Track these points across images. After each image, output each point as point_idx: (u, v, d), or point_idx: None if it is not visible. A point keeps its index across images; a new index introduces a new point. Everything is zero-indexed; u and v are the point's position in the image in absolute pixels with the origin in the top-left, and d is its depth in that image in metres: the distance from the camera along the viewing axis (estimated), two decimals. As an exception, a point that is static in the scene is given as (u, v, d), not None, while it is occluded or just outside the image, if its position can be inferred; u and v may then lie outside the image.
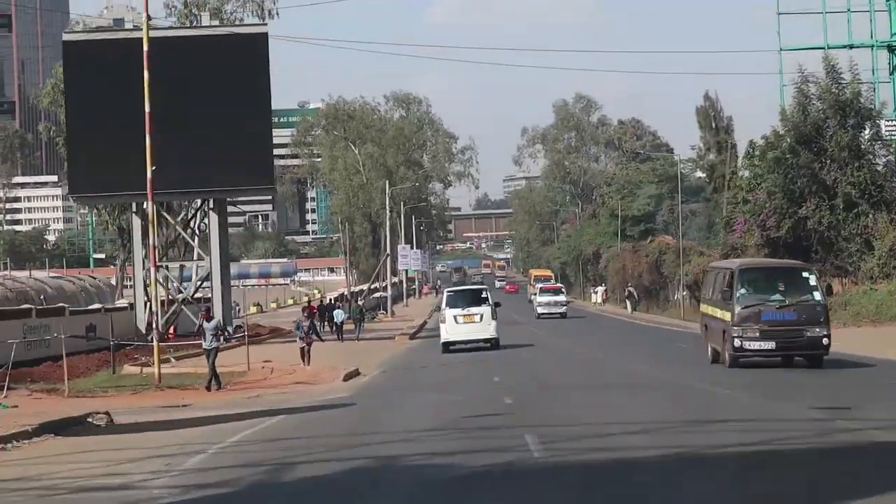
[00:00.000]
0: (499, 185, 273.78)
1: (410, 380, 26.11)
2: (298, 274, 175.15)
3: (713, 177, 79.73)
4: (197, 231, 48.54)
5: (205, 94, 43.58)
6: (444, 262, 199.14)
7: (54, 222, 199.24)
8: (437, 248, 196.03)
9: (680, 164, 72.19)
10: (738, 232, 52.31)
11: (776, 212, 45.82)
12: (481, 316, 35.85)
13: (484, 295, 37.26)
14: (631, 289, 74.51)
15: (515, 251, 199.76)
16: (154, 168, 26.49)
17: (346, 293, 79.38)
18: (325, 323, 55.76)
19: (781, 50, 50.30)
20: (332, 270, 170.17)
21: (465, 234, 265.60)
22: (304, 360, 29.82)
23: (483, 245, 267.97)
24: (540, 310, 64.74)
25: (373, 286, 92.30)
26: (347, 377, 26.17)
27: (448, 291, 40.59)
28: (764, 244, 47.45)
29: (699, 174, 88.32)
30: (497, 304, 37.38)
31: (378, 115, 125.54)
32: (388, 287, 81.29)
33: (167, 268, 49.39)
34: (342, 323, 49.68)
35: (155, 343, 24.76)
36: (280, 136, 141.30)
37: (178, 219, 48.39)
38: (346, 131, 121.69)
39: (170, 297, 48.10)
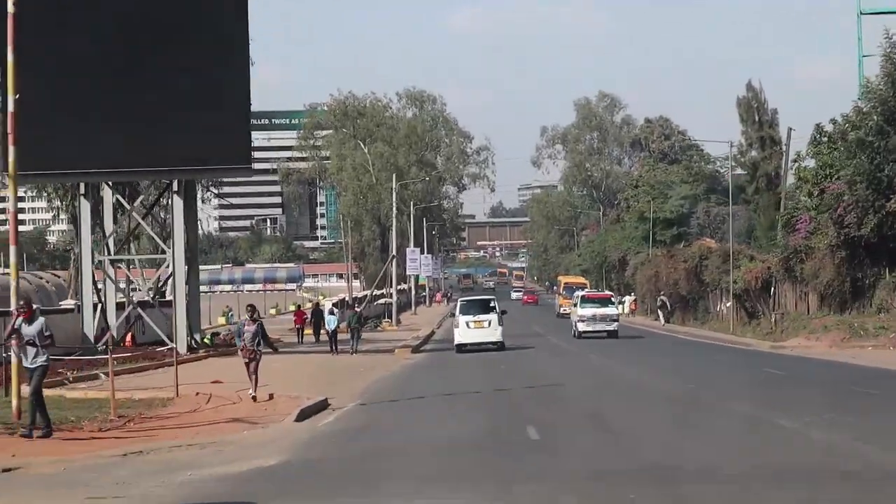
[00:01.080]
0: (514, 194, 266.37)
1: (393, 428, 17.42)
2: (306, 279, 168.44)
3: (756, 175, 72.00)
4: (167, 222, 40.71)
5: (166, 48, 35.76)
6: (453, 271, 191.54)
7: (56, 222, 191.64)
8: (451, 255, 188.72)
9: (731, 154, 63.80)
10: (801, 232, 44.36)
11: (858, 205, 37.77)
12: (490, 322, 40.79)
13: (492, 304, 42.10)
14: (663, 298, 66.62)
15: (531, 259, 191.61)
16: (17, 96, 18.27)
17: (347, 298, 71.57)
18: (318, 331, 48.60)
19: (861, 13, 42.38)
20: (340, 276, 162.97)
21: (478, 243, 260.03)
22: (251, 382, 21.54)
23: (497, 254, 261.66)
24: (582, 326, 48.73)
25: (376, 292, 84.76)
26: (304, 415, 17.94)
27: (461, 300, 44.86)
28: (841, 244, 39.46)
29: (739, 171, 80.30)
30: (503, 312, 42.36)
31: (390, 113, 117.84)
32: (394, 293, 73.35)
33: (129, 263, 41.81)
34: (335, 331, 41.87)
35: (13, 362, 16.56)
36: (288, 138, 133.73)
37: (136, 203, 40.49)
38: (355, 129, 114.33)
39: (132, 299, 40.47)
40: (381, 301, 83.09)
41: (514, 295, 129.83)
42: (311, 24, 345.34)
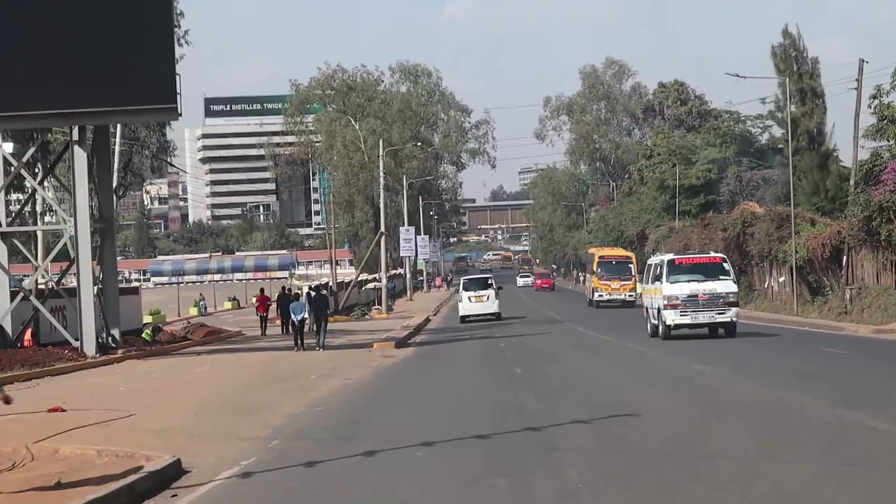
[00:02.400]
0: (515, 178, 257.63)
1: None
2: (299, 266, 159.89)
3: (796, 133, 62.66)
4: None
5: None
6: (451, 255, 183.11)
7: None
8: (451, 239, 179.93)
9: (787, 90, 54.14)
10: (889, 184, 35.11)
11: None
12: (488, 297, 48.39)
13: (490, 282, 49.96)
14: (693, 275, 57.33)
15: (535, 241, 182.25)
16: None
17: (330, 283, 62.25)
18: (286, 321, 39.97)
19: None
20: (338, 262, 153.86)
21: (480, 227, 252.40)
22: None
23: (499, 237, 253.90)
24: (671, 316, 29.82)
25: (367, 277, 75.72)
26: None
27: (464, 279, 52.11)
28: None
29: (775, 132, 71.02)
30: (500, 288, 50.42)
31: (382, 87, 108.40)
32: (384, 276, 64.10)
33: (32, 238, 32.52)
34: (302, 321, 32.70)
35: None
36: (281, 123, 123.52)
37: (26, 157, 31.13)
38: (345, 104, 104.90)
39: (27, 286, 31.29)
40: (372, 286, 74.08)
41: (520, 280, 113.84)
42: (303, 16, 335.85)
